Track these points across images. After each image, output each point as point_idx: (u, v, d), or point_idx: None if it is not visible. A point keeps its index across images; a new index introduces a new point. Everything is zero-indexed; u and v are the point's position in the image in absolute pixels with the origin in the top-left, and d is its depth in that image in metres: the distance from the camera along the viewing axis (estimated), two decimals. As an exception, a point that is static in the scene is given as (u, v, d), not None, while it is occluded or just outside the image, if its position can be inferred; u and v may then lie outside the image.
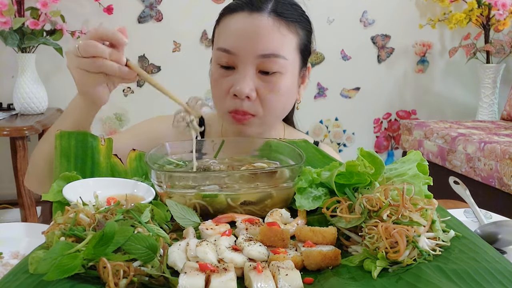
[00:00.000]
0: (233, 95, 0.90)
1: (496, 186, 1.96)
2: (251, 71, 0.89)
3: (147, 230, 0.54)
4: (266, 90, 0.91)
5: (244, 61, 0.89)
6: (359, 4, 2.87)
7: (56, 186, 0.70)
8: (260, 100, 0.91)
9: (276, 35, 0.89)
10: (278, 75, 0.91)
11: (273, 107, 0.93)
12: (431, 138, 2.43)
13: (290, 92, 0.95)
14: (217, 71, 0.93)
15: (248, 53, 0.88)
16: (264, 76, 0.90)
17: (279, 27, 0.89)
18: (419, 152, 0.72)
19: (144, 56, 2.65)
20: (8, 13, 2.10)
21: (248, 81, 0.89)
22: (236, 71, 0.91)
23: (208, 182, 0.68)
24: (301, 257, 0.55)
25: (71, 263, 0.46)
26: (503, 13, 2.63)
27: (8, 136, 1.96)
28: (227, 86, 0.91)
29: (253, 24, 0.89)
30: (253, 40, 0.88)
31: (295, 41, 0.92)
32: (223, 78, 0.92)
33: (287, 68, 0.91)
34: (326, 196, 0.69)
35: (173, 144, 0.85)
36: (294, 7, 0.95)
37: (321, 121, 2.97)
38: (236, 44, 0.89)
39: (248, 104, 0.91)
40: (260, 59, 0.89)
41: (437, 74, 3.06)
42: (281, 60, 0.90)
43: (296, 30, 0.92)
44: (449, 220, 0.64)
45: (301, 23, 0.94)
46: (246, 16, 0.90)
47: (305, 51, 0.97)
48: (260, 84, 0.90)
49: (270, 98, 0.91)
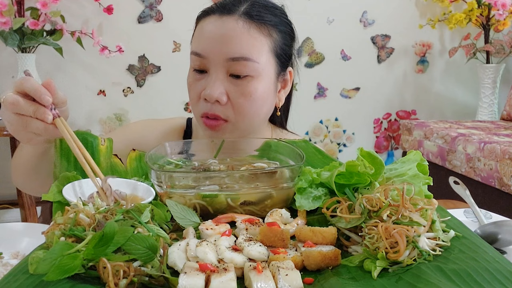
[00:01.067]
0: (204, 98, 0.89)
1: (496, 186, 1.96)
2: (221, 75, 0.88)
3: (147, 230, 0.54)
4: (237, 94, 0.89)
5: (215, 65, 0.88)
6: (359, 4, 2.87)
7: (56, 187, 0.70)
8: (232, 104, 0.90)
9: (245, 38, 0.88)
10: (249, 79, 0.89)
11: (245, 112, 0.90)
12: (431, 138, 2.43)
13: (265, 96, 0.92)
14: (191, 75, 0.93)
15: (217, 57, 0.88)
16: (235, 80, 0.89)
17: (248, 29, 0.88)
18: (419, 152, 0.72)
19: (144, 56, 2.65)
20: (8, 13, 2.10)
21: (217, 85, 0.88)
22: (208, 74, 0.90)
23: (208, 182, 0.68)
24: (301, 257, 0.55)
25: (71, 263, 0.46)
26: (503, 13, 2.63)
27: (8, 136, 1.96)
28: (199, 89, 0.91)
29: (222, 26, 0.88)
30: (222, 43, 0.87)
31: (268, 44, 0.90)
32: (196, 82, 0.92)
33: (259, 72, 0.89)
34: (326, 196, 0.69)
35: (173, 144, 0.85)
36: (271, 9, 0.93)
37: (321, 121, 2.97)
38: (206, 48, 0.88)
39: (219, 108, 0.89)
40: (230, 62, 0.87)
41: (437, 74, 3.06)
42: (251, 64, 0.88)
43: (269, 33, 0.90)
44: (449, 220, 0.64)
45: (277, 25, 0.92)
46: (217, 19, 0.89)
47: (282, 55, 0.94)
48: (231, 88, 0.89)
49: (241, 102, 0.89)
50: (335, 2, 2.82)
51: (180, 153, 0.85)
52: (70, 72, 2.55)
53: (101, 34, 2.49)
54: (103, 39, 2.43)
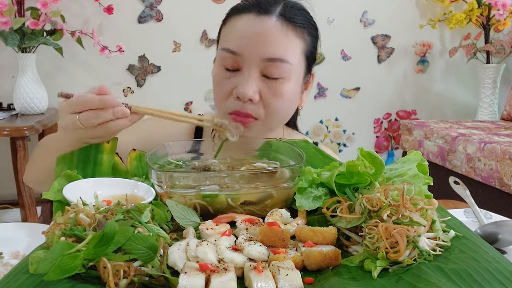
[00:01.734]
0: (236, 97, 0.89)
1: (496, 186, 1.96)
2: (255, 73, 0.88)
3: (147, 230, 0.54)
4: (269, 94, 0.89)
5: (249, 63, 0.88)
6: (359, 4, 2.87)
7: (57, 185, 0.70)
8: (263, 103, 0.90)
9: (283, 39, 0.88)
10: (282, 81, 0.89)
11: (275, 112, 0.91)
12: (431, 138, 2.43)
13: (293, 97, 0.94)
14: (221, 72, 0.92)
15: (253, 56, 0.87)
16: (268, 80, 0.89)
17: (286, 31, 0.88)
18: (419, 152, 0.72)
19: (144, 56, 2.65)
20: (8, 13, 2.10)
21: (251, 84, 0.87)
22: (240, 73, 0.89)
23: (208, 182, 0.68)
24: (301, 257, 0.55)
25: (71, 263, 0.46)
26: (503, 13, 2.63)
27: (8, 136, 1.96)
28: (230, 87, 0.90)
29: (261, 26, 0.87)
30: (260, 43, 0.87)
31: (301, 46, 0.91)
32: (226, 79, 0.91)
33: (291, 74, 0.90)
34: (326, 196, 0.69)
35: (173, 144, 0.85)
36: (302, 12, 0.94)
37: (321, 121, 2.97)
38: (242, 46, 0.88)
39: (251, 107, 0.89)
40: (266, 63, 0.87)
41: (437, 74, 3.06)
42: (286, 65, 0.88)
43: (303, 36, 0.91)
44: (449, 220, 0.64)
45: (308, 28, 0.93)
46: (254, 17, 0.89)
47: (310, 57, 0.96)
48: (263, 88, 0.89)
49: (273, 102, 0.90)
50: (335, 2, 2.81)
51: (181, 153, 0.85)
52: (70, 72, 2.55)
53: (101, 34, 2.49)
54: (103, 39, 2.43)
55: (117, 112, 0.75)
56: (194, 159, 0.86)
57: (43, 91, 2.29)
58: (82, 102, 0.75)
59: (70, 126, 0.76)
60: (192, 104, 2.72)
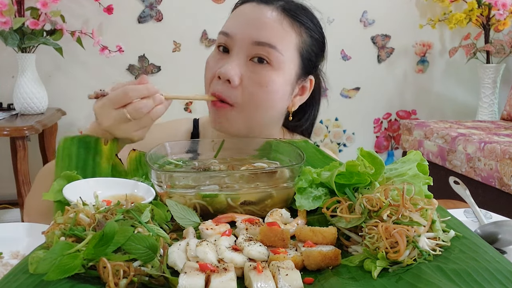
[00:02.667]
0: (217, 77, 0.88)
1: (496, 186, 1.96)
2: (242, 57, 0.88)
3: (147, 230, 0.54)
4: (252, 81, 0.87)
5: (239, 46, 0.88)
6: (359, 4, 2.87)
7: (56, 185, 0.70)
8: (243, 89, 0.87)
9: (276, 27, 0.88)
10: (269, 68, 0.87)
11: (255, 100, 0.88)
12: (431, 138, 2.43)
13: (279, 91, 0.89)
14: (213, 54, 0.93)
15: (243, 37, 0.87)
16: (254, 66, 0.87)
17: (282, 21, 0.88)
18: (419, 152, 0.72)
19: (144, 56, 2.65)
20: (8, 13, 2.10)
21: (234, 66, 0.86)
22: (229, 55, 0.89)
23: (208, 182, 0.68)
24: (301, 257, 0.55)
25: (71, 263, 0.46)
26: (503, 13, 2.63)
27: (8, 136, 1.96)
28: (216, 69, 0.89)
29: (256, 12, 0.89)
30: (252, 26, 0.88)
31: (296, 41, 0.90)
32: (216, 60, 0.91)
33: (280, 65, 0.87)
34: (326, 196, 0.69)
35: (173, 144, 0.85)
36: (308, 12, 0.95)
37: (321, 121, 2.97)
38: (235, 28, 0.89)
39: (228, 90, 0.87)
40: (255, 46, 0.86)
41: (437, 74, 3.06)
42: (275, 52, 0.86)
43: (299, 31, 0.90)
44: (449, 220, 0.64)
45: (309, 28, 0.93)
46: (254, 5, 0.91)
47: (306, 58, 0.94)
48: (248, 73, 0.87)
49: (255, 90, 0.87)
50: (335, 2, 2.81)
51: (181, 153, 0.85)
52: (70, 72, 2.55)
53: (101, 34, 2.49)
54: (103, 39, 2.43)
55: (157, 99, 0.78)
56: (193, 159, 0.86)
57: (43, 91, 2.29)
58: (128, 94, 0.77)
59: (117, 121, 0.77)
60: (192, 104, 2.73)
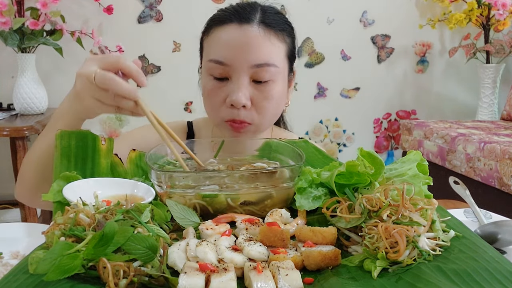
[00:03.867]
0: (229, 105, 0.92)
1: (496, 186, 1.96)
2: (245, 81, 0.91)
3: (147, 230, 0.54)
4: (260, 99, 0.93)
5: (238, 72, 0.91)
6: (359, 4, 2.87)
7: (56, 186, 0.70)
8: (255, 108, 0.94)
9: (267, 45, 0.92)
10: (271, 83, 0.93)
11: (267, 114, 0.95)
12: (431, 138, 2.43)
13: (282, 97, 0.98)
14: (210, 82, 0.94)
15: (241, 64, 0.90)
16: (258, 85, 0.93)
17: (269, 37, 0.92)
18: (419, 152, 0.72)
19: (144, 56, 2.65)
20: (8, 13, 2.10)
21: (243, 91, 0.91)
22: (230, 81, 0.92)
23: (208, 182, 0.68)
24: (301, 257, 0.55)
25: (71, 263, 0.46)
26: (503, 13, 2.63)
27: (8, 136, 1.96)
28: (222, 96, 0.93)
29: (245, 35, 0.91)
30: (246, 51, 0.90)
31: (284, 49, 0.96)
32: (217, 89, 0.94)
33: (278, 76, 0.94)
34: (326, 196, 0.69)
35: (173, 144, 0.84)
36: (279, 15, 0.98)
37: (321, 121, 2.96)
38: (229, 56, 0.91)
39: (244, 113, 0.93)
40: (254, 69, 0.91)
41: (437, 74, 3.06)
42: (272, 69, 0.92)
43: (284, 39, 0.96)
44: (449, 220, 0.64)
45: (287, 31, 0.97)
46: (237, 27, 0.92)
47: (292, 57, 1.00)
48: (254, 93, 0.93)
49: (265, 105, 0.94)
50: (335, 2, 2.81)
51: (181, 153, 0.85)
52: (70, 72, 2.55)
53: (101, 34, 2.49)
54: (103, 39, 2.43)
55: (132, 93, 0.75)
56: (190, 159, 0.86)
57: (42, 91, 2.29)
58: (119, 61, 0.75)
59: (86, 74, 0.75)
60: (192, 104, 2.73)
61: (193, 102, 2.72)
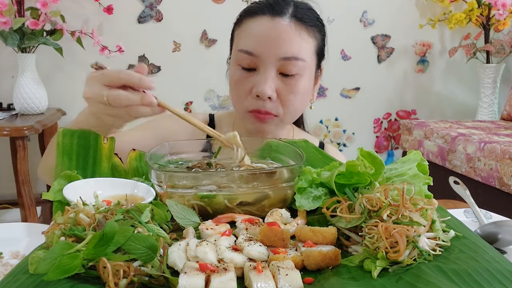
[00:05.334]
0: (255, 95, 0.93)
1: (496, 186, 1.96)
2: (272, 72, 0.92)
3: (147, 230, 0.54)
4: (286, 92, 0.94)
5: (266, 63, 0.92)
6: (359, 4, 2.87)
7: (57, 185, 0.70)
8: (281, 100, 0.95)
9: (297, 39, 0.93)
10: (298, 77, 0.94)
11: (292, 108, 0.96)
12: (431, 138, 2.43)
13: (307, 92, 0.99)
14: (238, 72, 0.96)
15: (270, 56, 0.92)
16: (285, 78, 0.94)
17: (300, 31, 0.93)
18: (419, 152, 0.72)
19: (144, 56, 2.65)
20: (8, 13, 2.10)
21: (270, 83, 0.92)
22: (257, 72, 0.94)
23: (206, 183, 0.68)
24: (301, 257, 0.55)
25: (71, 263, 0.46)
26: (503, 13, 2.63)
27: (8, 136, 1.96)
28: (248, 87, 0.95)
29: (276, 28, 0.92)
30: (276, 44, 0.91)
31: (314, 44, 0.97)
32: (244, 79, 0.95)
33: (306, 70, 0.95)
34: (326, 196, 0.69)
35: (173, 144, 0.85)
36: (312, 11, 0.99)
37: (321, 121, 2.97)
38: (259, 47, 0.92)
39: (269, 104, 0.94)
40: (281, 62, 0.92)
41: (437, 74, 3.06)
42: (300, 63, 0.93)
43: (314, 34, 0.97)
44: (449, 220, 0.64)
45: (318, 27, 0.98)
46: (269, 20, 0.93)
47: (320, 54, 1.02)
48: (280, 86, 0.94)
49: (290, 99, 0.95)
50: (335, 2, 2.82)
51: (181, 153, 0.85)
52: (70, 72, 2.55)
53: (101, 34, 2.49)
54: (103, 39, 2.43)
55: (145, 99, 0.74)
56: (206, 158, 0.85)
57: (43, 91, 2.29)
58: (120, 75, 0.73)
59: (95, 97, 0.75)
60: (192, 104, 2.73)
61: (193, 102, 2.72)
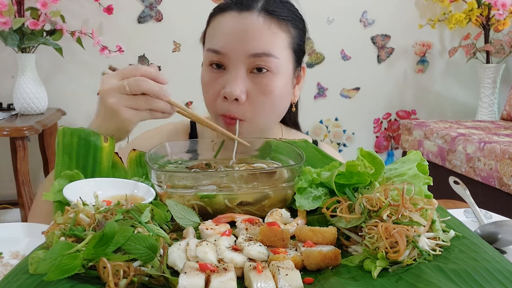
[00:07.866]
0: (223, 97, 0.87)
1: (496, 186, 1.96)
2: (242, 72, 0.86)
3: (147, 230, 0.54)
4: (257, 92, 0.87)
5: (235, 62, 0.86)
6: (359, 4, 2.87)
7: (57, 185, 0.70)
8: (251, 102, 0.87)
9: (267, 34, 0.86)
10: (270, 76, 0.87)
11: (264, 110, 0.89)
12: (431, 138, 2.43)
13: (284, 93, 0.91)
14: (208, 73, 0.90)
15: (238, 53, 0.85)
16: (256, 77, 0.87)
17: (269, 25, 0.86)
18: (419, 152, 0.72)
19: (144, 56, 2.65)
20: (8, 13, 2.10)
21: (238, 83, 0.85)
22: (227, 71, 0.87)
23: (207, 182, 0.68)
24: (301, 257, 0.55)
25: (71, 263, 0.46)
26: (503, 13, 2.63)
27: (8, 136, 1.96)
28: (218, 87, 0.88)
29: (243, 23, 0.86)
30: (243, 40, 0.85)
31: (287, 39, 0.89)
32: (214, 80, 0.89)
33: (279, 68, 0.87)
34: (326, 196, 0.69)
35: (173, 144, 0.85)
36: (286, 5, 0.92)
37: (321, 121, 2.97)
38: (226, 44, 0.86)
39: (235, 108, 0.87)
40: (251, 59, 0.85)
41: (437, 74, 3.06)
42: (272, 59, 0.86)
43: (287, 29, 0.89)
44: (449, 220, 0.64)
45: (293, 21, 0.91)
46: (236, 15, 0.87)
47: (298, 51, 0.93)
48: (251, 86, 0.87)
49: (261, 100, 0.87)
50: (335, 2, 2.82)
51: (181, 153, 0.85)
52: (70, 72, 2.55)
53: (101, 34, 2.49)
54: (103, 39, 2.43)
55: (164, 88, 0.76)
56: (192, 159, 0.86)
57: (43, 91, 2.29)
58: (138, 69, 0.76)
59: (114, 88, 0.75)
60: (192, 104, 2.73)
61: (193, 102, 2.72)
